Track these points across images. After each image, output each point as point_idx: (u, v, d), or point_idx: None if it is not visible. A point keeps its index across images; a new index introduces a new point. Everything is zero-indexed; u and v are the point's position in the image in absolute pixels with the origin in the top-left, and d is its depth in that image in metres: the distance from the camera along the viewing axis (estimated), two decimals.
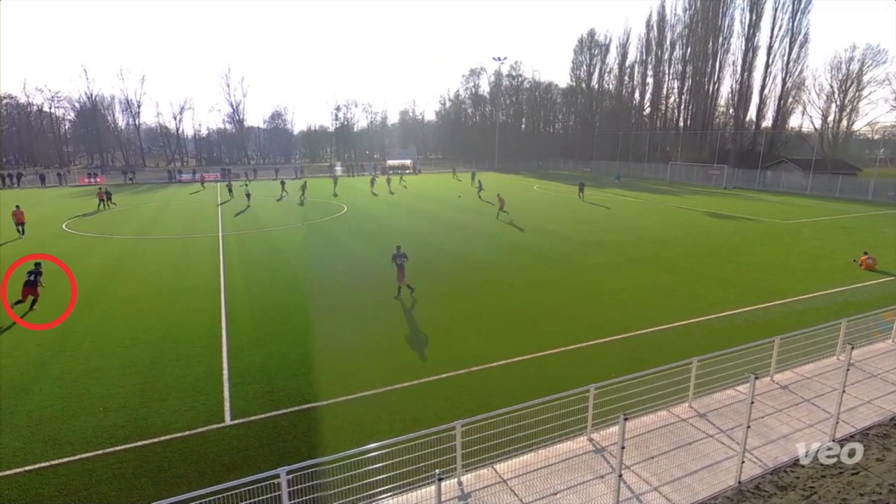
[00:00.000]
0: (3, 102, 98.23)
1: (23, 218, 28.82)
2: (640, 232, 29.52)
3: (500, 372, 12.06)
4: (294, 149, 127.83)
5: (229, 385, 11.36)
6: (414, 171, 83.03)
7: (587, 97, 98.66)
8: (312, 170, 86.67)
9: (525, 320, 15.39)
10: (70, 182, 66.10)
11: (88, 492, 8.02)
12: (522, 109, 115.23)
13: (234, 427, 9.81)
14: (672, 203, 43.25)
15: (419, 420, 9.81)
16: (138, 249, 25.43)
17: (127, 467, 8.62)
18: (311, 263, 22.54)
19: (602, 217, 35.34)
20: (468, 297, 17.68)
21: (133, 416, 10.14)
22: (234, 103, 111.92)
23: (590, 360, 12.66)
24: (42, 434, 9.53)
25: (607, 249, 24.83)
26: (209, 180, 68.61)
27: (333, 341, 13.84)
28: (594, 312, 16.04)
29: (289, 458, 8.68)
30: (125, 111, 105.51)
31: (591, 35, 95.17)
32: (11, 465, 8.63)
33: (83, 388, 11.26)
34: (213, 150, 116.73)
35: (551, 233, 29.21)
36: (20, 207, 29.37)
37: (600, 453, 8.79)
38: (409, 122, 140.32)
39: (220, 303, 17.01)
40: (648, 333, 14.32)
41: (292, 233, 29.88)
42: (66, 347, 13.45)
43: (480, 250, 24.85)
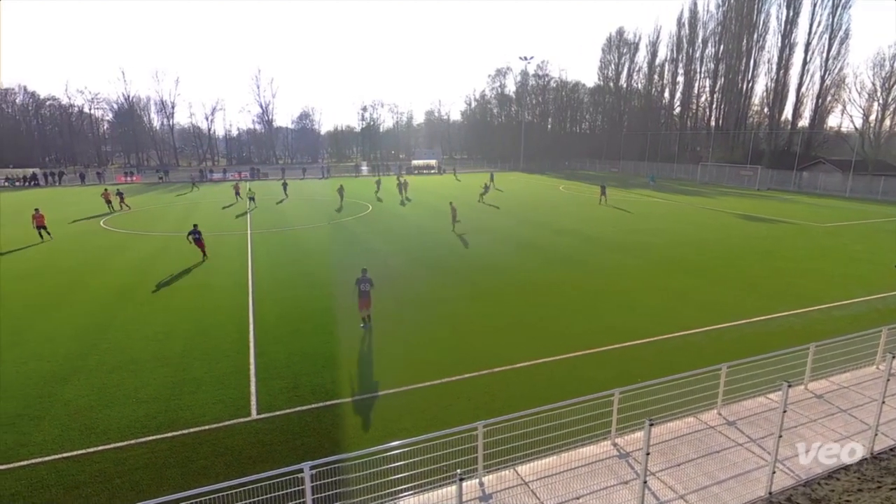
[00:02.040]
0: (47, 104, 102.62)
1: (43, 221, 27.89)
2: (667, 234, 28.90)
3: (522, 373, 11.98)
4: (321, 149, 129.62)
5: (255, 380, 11.60)
6: (439, 171, 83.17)
7: (615, 96, 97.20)
8: (339, 169, 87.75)
9: (548, 322, 15.25)
10: (108, 180, 68.52)
11: (122, 479, 8.30)
12: (549, 109, 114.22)
13: (259, 421, 10.01)
14: (702, 205, 42.22)
15: (441, 419, 9.83)
16: (171, 246, 26.18)
17: (158, 457, 8.89)
18: (335, 261, 22.82)
19: (628, 218, 34.72)
20: (491, 297, 17.61)
21: (164, 407, 10.45)
22: (264, 104, 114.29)
23: (614, 364, 12.46)
24: (79, 423, 9.91)
25: (633, 251, 24.40)
26: (237, 179, 70.18)
27: (356, 339, 13.98)
28: (620, 315, 15.78)
29: (312, 454, 8.81)
30: (160, 112, 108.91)
31: (620, 34, 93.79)
32: (50, 452, 9.00)
33: (118, 379, 11.66)
34: (242, 150, 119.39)
35: (576, 234, 28.86)
36: (39, 210, 28.44)
37: (625, 458, 8.64)
38: (434, 122, 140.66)
39: (247, 299, 17.38)
40: (675, 338, 14.02)
41: (317, 231, 30.31)
42: (103, 340, 13.96)
43: (504, 251, 24.72)
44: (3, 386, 11.34)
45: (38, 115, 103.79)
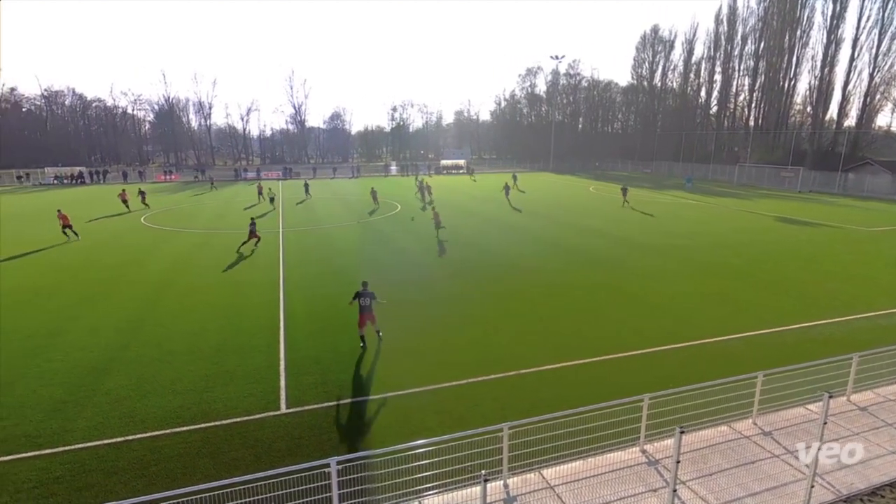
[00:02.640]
0: (93, 105, 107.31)
1: (68, 220, 27.95)
2: (702, 236, 28.11)
3: (550, 376, 11.86)
4: (351, 149, 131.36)
5: (285, 375, 11.84)
6: (468, 170, 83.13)
7: (649, 96, 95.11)
8: (368, 169, 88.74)
9: (577, 324, 15.04)
10: (148, 179, 71.19)
11: (157, 467, 8.61)
12: (580, 109, 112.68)
13: (288, 415, 10.22)
14: (739, 207, 40.89)
15: (467, 419, 9.82)
16: (207, 242, 27.02)
17: (191, 447, 9.18)
18: (364, 260, 23.08)
19: (662, 220, 33.92)
20: (519, 298, 17.49)
21: (198, 399, 10.78)
22: (297, 104, 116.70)
23: (645, 369, 12.20)
24: (118, 411, 10.32)
25: (667, 254, 23.82)
26: (271, 178, 71.81)
27: (383, 336, 14.10)
28: (651, 319, 15.43)
29: (339, 449, 8.95)
30: (198, 112, 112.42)
31: (655, 31, 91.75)
32: (92, 438, 9.41)
33: (155, 370, 12.09)
34: (275, 150, 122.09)
35: (606, 235, 28.37)
36: (62, 211, 28.62)
37: (653, 466, 8.45)
38: (463, 122, 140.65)
39: (278, 295, 17.76)
40: (709, 344, 13.62)
41: (347, 230, 30.72)
42: (142, 332, 14.50)
43: (532, 252, 24.53)
44: (51, 374, 11.91)
45: (85, 116, 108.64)
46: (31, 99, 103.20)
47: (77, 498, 7.80)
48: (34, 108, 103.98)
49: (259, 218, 30.60)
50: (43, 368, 12.19)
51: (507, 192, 44.81)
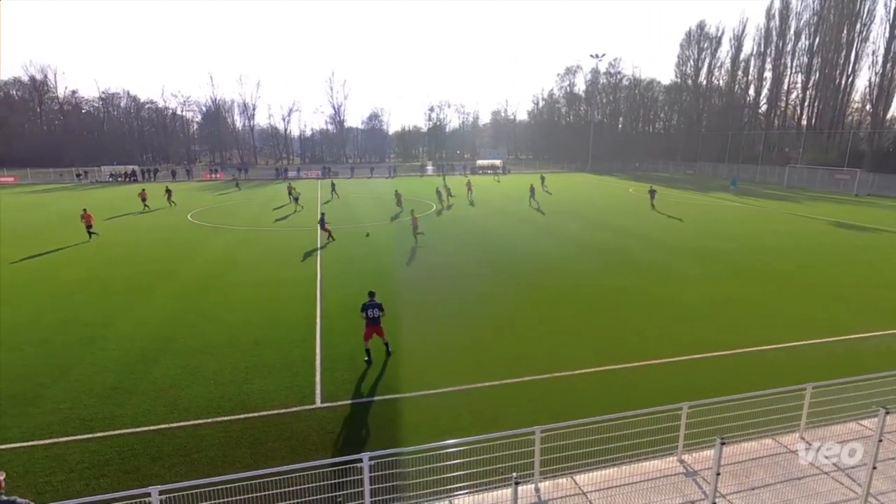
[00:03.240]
0: (146, 107, 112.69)
1: (91, 220, 28.06)
2: (746, 240, 27.00)
3: (584, 380, 11.66)
4: (388, 149, 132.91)
5: (321, 370, 12.10)
6: (504, 171, 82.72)
7: (693, 94, 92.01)
8: (405, 169, 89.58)
9: (613, 328, 14.72)
10: (195, 177, 74.17)
11: (199, 455, 8.96)
12: (620, 108, 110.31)
13: (323, 409, 10.44)
14: (788, 210, 39.05)
15: (498, 421, 9.78)
16: (249, 239, 27.92)
17: (231, 436, 9.51)
18: (398, 258, 23.31)
19: (704, 222, 32.78)
20: (554, 300, 17.27)
21: (238, 390, 11.16)
22: (336, 105, 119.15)
23: (683, 376, 11.82)
24: (164, 399, 10.80)
25: (709, 258, 23.00)
26: (310, 177, 73.49)
27: (417, 335, 14.21)
28: (690, 325, 14.94)
29: (371, 445, 9.07)
30: (242, 113, 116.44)
31: (701, 28, 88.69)
32: (140, 424, 9.89)
33: (199, 361, 12.59)
34: (315, 150, 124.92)
35: (644, 237, 27.64)
36: (87, 210, 28.73)
37: (692, 477, 8.18)
38: (500, 121, 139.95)
39: (315, 292, 18.17)
40: (753, 352, 13.06)
41: (382, 229, 31.10)
42: (188, 324, 15.13)
43: (567, 253, 24.17)
44: (104, 361, 12.58)
45: (139, 117, 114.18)
46: (90, 101, 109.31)
47: (125, 480, 8.21)
48: (92, 110, 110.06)
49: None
50: (97, 356, 12.88)
51: (533, 194, 42.29)
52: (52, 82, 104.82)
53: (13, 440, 9.32)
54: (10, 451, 9.02)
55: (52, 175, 72.67)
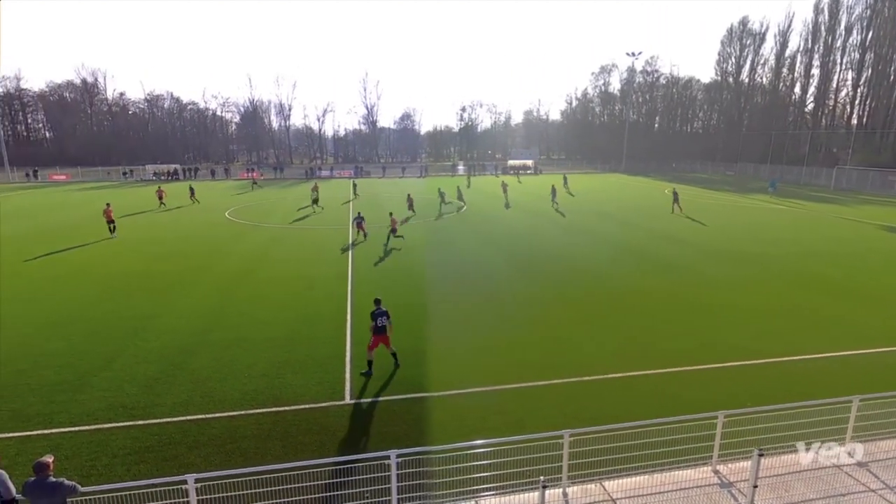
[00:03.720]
0: (188, 108, 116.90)
1: (111, 216, 28.37)
2: (789, 244, 25.92)
3: (614, 385, 11.43)
4: (420, 148, 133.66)
5: (350, 367, 12.27)
6: (536, 171, 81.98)
7: (734, 93, 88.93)
8: (436, 168, 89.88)
9: (648, 333, 14.38)
10: (233, 176, 76.44)
11: (232, 445, 9.23)
12: (657, 107, 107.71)
13: (351, 406, 10.58)
14: (836, 213, 37.27)
15: (526, 424, 9.69)
16: (283, 237, 28.58)
17: (263, 428, 9.75)
18: (429, 257, 23.40)
19: (745, 225, 31.62)
20: (584, 302, 17.00)
21: (270, 384, 11.43)
22: (369, 105, 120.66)
23: (719, 384, 11.43)
24: (201, 390, 11.16)
25: (749, 262, 22.19)
26: (343, 177, 74.66)
27: (446, 335, 14.23)
28: (727, 331, 14.44)
29: (398, 442, 9.12)
30: (278, 114, 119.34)
31: (744, 24, 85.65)
32: (177, 414, 10.25)
33: (234, 355, 12.96)
34: (348, 149, 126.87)
35: (680, 241, 26.89)
36: (110, 206, 29.13)
37: (727, 489, 7.91)
38: (532, 121, 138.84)
39: (346, 290, 18.43)
40: (794, 361, 12.52)
41: (413, 228, 31.28)
42: (224, 319, 15.60)
43: (598, 254, 23.75)
44: (146, 352, 13.11)
45: (181, 118, 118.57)
46: (136, 102, 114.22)
47: (163, 467, 8.52)
48: (138, 111, 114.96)
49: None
50: (139, 347, 13.44)
51: (554, 195, 41.48)
52: (101, 85, 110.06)
53: (62, 425, 9.82)
54: (59, 435, 9.51)
55: (100, 173, 76.32)
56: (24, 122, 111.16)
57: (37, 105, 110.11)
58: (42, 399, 10.74)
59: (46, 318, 15.61)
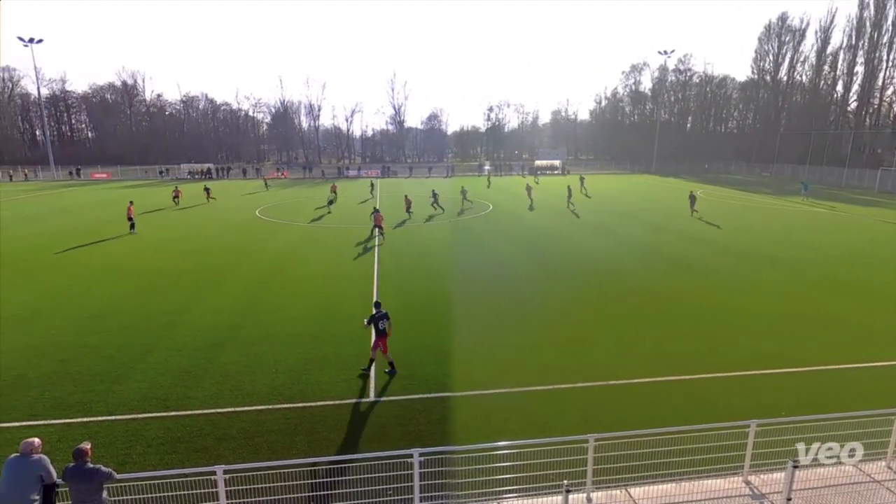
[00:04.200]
0: (221, 109, 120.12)
1: (131, 213, 29.73)
2: (828, 248, 24.92)
3: (641, 390, 11.21)
4: (447, 148, 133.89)
5: (375, 365, 12.37)
6: (563, 172, 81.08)
7: (772, 91, 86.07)
8: (462, 168, 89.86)
9: (677, 337, 14.05)
10: (263, 175, 78.08)
11: (259, 439, 9.43)
12: (689, 107, 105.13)
13: (376, 403, 10.67)
14: (881, 217, 35.64)
15: (550, 427, 9.60)
16: (311, 236, 29.05)
17: (290, 423, 9.93)
18: (455, 258, 23.41)
19: (781, 229, 30.56)
20: (610, 305, 16.72)
21: (297, 380, 11.63)
22: (397, 106, 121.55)
23: (752, 392, 11.08)
24: (230, 384, 11.45)
25: (781, 266, 21.43)
26: (371, 176, 75.41)
27: (470, 335, 14.20)
28: (760, 337, 13.97)
29: (421, 441, 9.16)
30: (308, 115, 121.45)
31: (783, 20, 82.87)
32: (206, 406, 10.54)
33: (262, 350, 13.24)
34: (375, 149, 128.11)
35: (710, 243, 26.16)
36: (132, 204, 30.82)
37: (759, 500, 7.65)
38: (560, 121, 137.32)
39: (372, 289, 18.61)
40: (833, 370, 12.03)
41: (440, 229, 31.36)
42: (252, 315, 15.96)
43: (626, 257, 23.32)
44: (179, 346, 13.52)
45: (215, 118, 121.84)
46: (172, 104, 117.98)
47: (194, 457, 8.78)
48: (175, 112, 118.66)
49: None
50: (173, 341, 13.87)
51: (570, 196, 40.93)
52: (140, 86, 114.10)
53: (100, 413, 10.22)
54: (96, 423, 9.90)
55: (138, 172, 79.13)
56: (69, 123, 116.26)
57: (80, 106, 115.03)
58: (81, 388, 11.19)
59: (84, 311, 16.26)
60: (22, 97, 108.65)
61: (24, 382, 11.45)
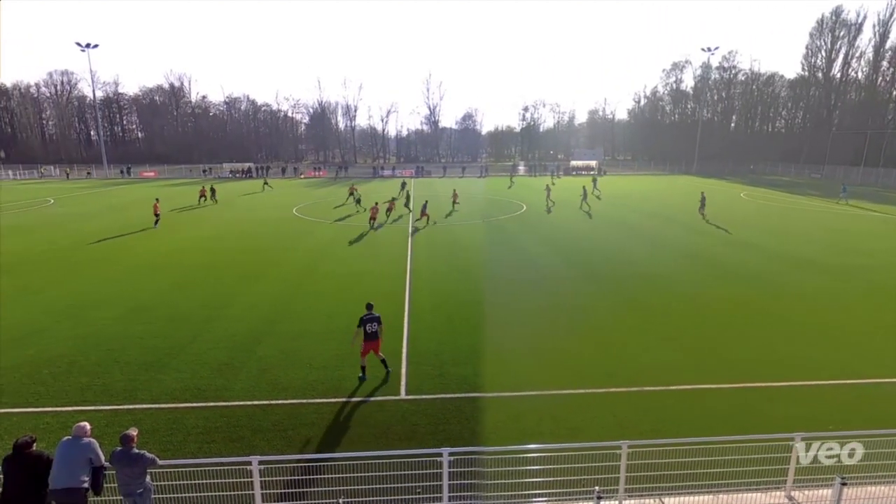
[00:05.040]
0: (262, 110, 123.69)
1: (157, 209, 31.98)
2: (886, 255, 23.52)
3: (678, 397, 10.87)
4: (481, 148, 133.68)
5: (406, 363, 12.46)
6: (599, 172, 79.63)
7: (824, 89, 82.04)
8: (496, 169, 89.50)
9: (714, 344, 13.56)
10: (300, 174, 79.97)
11: (294, 432, 9.64)
12: (734, 105, 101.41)
13: (406, 401, 10.75)
14: None
15: (582, 431, 9.44)
16: (345, 234, 29.52)
17: (324, 418, 10.12)
18: (487, 259, 23.33)
19: (831, 234, 29.07)
20: (647, 310, 16.29)
21: (331, 375, 11.84)
22: (432, 106, 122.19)
23: (797, 404, 10.57)
24: (266, 378, 11.76)
25: (833, 273, 20.37)
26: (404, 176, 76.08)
27: (502, 336, 14.11)
28: (808, 347, 13.32)
29: (451, 441, 9.16)
30: (345, 115, 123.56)
31: (837, 14, 78.78)
32: (243, 398, 10.86)
33: (297, 345, 13.55)
34: (410, 149, 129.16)
35: (757, 247, 25.14)
36: (158, 201, 33.28)
37: None
38: (598, 121, 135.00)
39: (404, 288, 18.75)
40: (889, 383, 11.35)
41: (473, 229, 31.31)
42: (289, 310, 16.35)
43: (666, 261, 22.67)
44: (218, 339, 13.99)
45: (256, 119, 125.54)
46: (216, 105, 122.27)
47: (230, 448, 9.06)
48: (218, 113, 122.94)
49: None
50: (213, 334, 14.35)
51: (585, 197, 41.07)
52: (186, 88, 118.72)
53: (144, 401, 10.69)
54: (141, 410, 10.35)
55: (183, 170, 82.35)
56: (121, 124, 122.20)
57: (131, 108, 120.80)
58: (128, 377, 11.73)
59: (130, 304, 17.02)
60: (79, 99, 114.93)
61: (76, 369, 12.09)
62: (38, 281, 19.65)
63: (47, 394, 10.98)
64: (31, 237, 28.49)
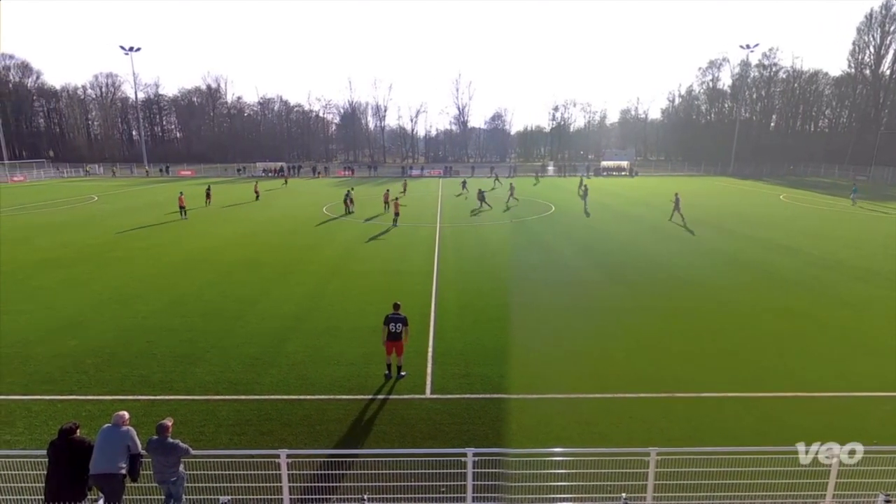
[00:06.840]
0: (294, 110, 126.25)
1: (183, 202, 35.00)
2: None
3: (710, 405, 10.56)
4: (510, 148, 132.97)
5: (432, 362, 12.50)
6: (630, 173, 78.14)
7: (871, 87, 78.38)
8: (525, 169, 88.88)
9: (752, 352, 13.11)
10: (331, 174, 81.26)
11: (321, 427, 9.80)
12: (774, 104, 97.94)
13: (431, 400, 10.78)
14: None
15: (610, 437, 9.28)
16: (373, 233, 29.83)
17: (349, 414, 10.24)
18: (515, 259, 23.18)
19: (878, 238, 27.74)
20: (680, 314, 15.89)
21: (357, 372, 11.99)
22: (461, 106, 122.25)
23: (837, 416, 10.12)
24: (295, 373, 11.99)
25: (879, 279, 19.43)
26: (434, 175, 76.37)
27: (529, 337, 14.00)
28: (850, 357, 12.74)
29: (476, 441, 9.15)
30: (374, 115, 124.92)
31: (887, 7, 75.17)
32: (273, 392, 11.10)
33: (324, 342, 13.77)
34: (439, 149, 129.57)
35: (795, 252, 24.21)
36: (183, 194, 36.27)
37: None
38: (630, 121, 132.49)
39: (431, 287, 18.82)
40: None
41: (501, 229, 31.19)
42: (317, 308, 16.63)
43: (700, 264, 22.07)
44: (249, 334, 14.35)
45: (288, 119, 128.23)
46: (251, 105, 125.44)
47: (259, 440, 9.28)
48: (252, 113, 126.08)
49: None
50: (244, 330, 14.73)
51: (586, 194, 41.94)
52: (222, 90, 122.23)
53: (179, 392, 11.05)
54: (176, 401, 10.71)
55: (218, 169, 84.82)
56: (160, 124, 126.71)
57: (170, 109, 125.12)
58: (164, 368, 12.15)
59: (167, 297, 17.62)
60: (122, 101, 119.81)
61: (116, 360, 12.60)
62: (83, 274, 20.57)
63: (89, 383, 11.47)
64: (77, 232, 29.85)
